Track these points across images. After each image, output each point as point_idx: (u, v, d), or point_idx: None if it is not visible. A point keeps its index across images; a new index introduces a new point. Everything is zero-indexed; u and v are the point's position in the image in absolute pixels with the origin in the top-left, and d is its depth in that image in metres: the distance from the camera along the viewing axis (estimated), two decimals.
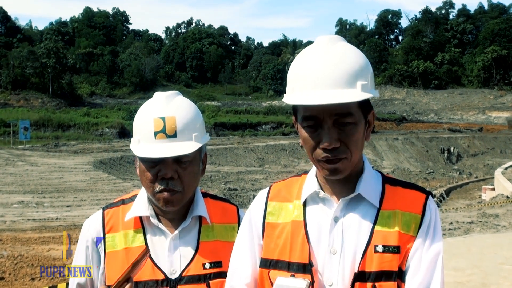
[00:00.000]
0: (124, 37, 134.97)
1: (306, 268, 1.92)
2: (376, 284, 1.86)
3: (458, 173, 42.87)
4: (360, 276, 1.86)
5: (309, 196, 2.01)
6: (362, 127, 1.88)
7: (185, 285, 2.16)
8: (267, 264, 2.01)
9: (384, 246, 1.87)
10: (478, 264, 9.82)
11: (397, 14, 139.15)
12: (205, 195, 2.36)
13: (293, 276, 1.91)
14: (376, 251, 1.87)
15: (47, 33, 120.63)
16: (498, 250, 11.31)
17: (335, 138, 1.84)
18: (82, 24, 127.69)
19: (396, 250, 1.88)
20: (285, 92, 1.94)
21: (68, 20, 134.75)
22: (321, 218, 1.97)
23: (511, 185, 26.37)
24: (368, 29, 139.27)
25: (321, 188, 1.99)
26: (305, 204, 2.02)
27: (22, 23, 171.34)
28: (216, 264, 2.21)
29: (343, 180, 1.94)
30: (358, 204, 1.95)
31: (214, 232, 2.28)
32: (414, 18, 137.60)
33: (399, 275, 1.88)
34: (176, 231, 2.22)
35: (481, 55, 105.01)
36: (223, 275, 2.18)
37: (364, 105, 1.88)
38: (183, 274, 2.17)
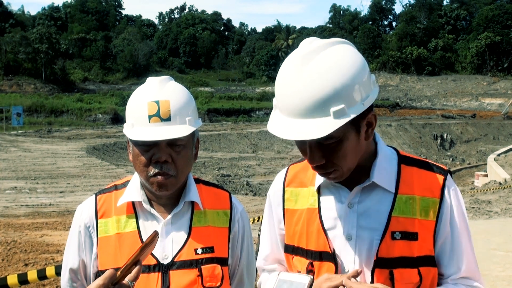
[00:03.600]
0: (117, 23, 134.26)
1: (323, 256, 1.93)
2: (394, 270, 1.85)
3: (451, 159, 43.06)
4: (379, 262, 1.86)
5: (323, 183, 2.00)
6: (351, 139, 1.79)
7: (177, 270, 2.16)
8: (289, 250, 2.05)
9: (401, 233, 1.86)
10: None
11: (391, 0, 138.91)
12: (197, 181, 2.36)
13: (311, 264, 1.94)
14: (393, 238, 1.86)
15: (39, 18, 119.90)
16: (490, 236, 11.37)
17: (319, 156, 1.80)
18: (75, 9, 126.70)
19: (414, 236, 1.87)
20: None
21: (60, 5, 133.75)
22: (336, 205, 1.96)
23: (504, 171, 26.50)
24: (361, 15, 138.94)
25: None
26: (319, 190, 2.01)
27: (14, 8, 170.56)
28: (208, 249, 2.21)
29: (355, 168, 1.90)
30: (373, 190, 1.93)
31: (207, 217, 2.28)
32: (408, 4, 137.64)
33: (428, 261, 1.88)
34: (169, 216, 2.22)
35: (474, 41, 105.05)
36: (215, 260, 2.20)
37: (354, 118, 1.73)
38: (175, 259, 2.17)
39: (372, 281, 1.85)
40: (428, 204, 1.89)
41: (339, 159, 1.81)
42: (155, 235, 1.90)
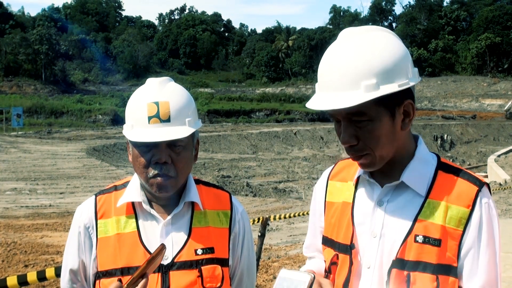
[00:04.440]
0: (117, 24, 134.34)
1: (347, 249, 1.96)
2: (411, 273, 1.84)
3: (451, 160, 43.01)
4: (397, 263, 1.86)
5: (360, 178, 2.02)
6: (384, 122, 1.81)
7: (177, 270, 2.15)
8: (323, 241, 2.09)
9: (424, 237, 1.84)
10: None
11: (391, 1, 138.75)
12: (197, 181, 2.36)
13: (336, 256, 1.99)
14: (416, 241, 1.85)
15: (39, 19, 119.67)
16: None
17: (351, 134, 1.82)
18: (75, 11, 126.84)
19: (436, 243, 1.84)
20: (279, 80, 1.91)
21: (60, 6, 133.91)
22: (367, 201, 1.98)
23: (504, 172, 26.51)
24: (362, 16, 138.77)
25: (370, 172, 1.98)
26: (356, 186, 2.04)
27: (14, 9, 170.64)
28: (208, 250, 2.21)
29: (388, 166, 1.91)
30: (404, 191, 1.92)
31: (207, 218, 2.27)
32: (408, 5, 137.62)
33: (448, 270, 1.85)
34: (169, 217, 2.22)
35: (474, 42, 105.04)
36: (215, 261, 2.20)
37: (387, 99, 1.78)
38: (175, 260, 2.16)
39: (388, 281, 1.86)
40: (457, 213, 1.86)
41: (371, 141, 1.82)
42: (162, 248, 1.90)
